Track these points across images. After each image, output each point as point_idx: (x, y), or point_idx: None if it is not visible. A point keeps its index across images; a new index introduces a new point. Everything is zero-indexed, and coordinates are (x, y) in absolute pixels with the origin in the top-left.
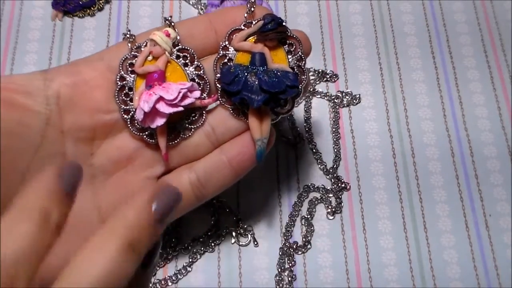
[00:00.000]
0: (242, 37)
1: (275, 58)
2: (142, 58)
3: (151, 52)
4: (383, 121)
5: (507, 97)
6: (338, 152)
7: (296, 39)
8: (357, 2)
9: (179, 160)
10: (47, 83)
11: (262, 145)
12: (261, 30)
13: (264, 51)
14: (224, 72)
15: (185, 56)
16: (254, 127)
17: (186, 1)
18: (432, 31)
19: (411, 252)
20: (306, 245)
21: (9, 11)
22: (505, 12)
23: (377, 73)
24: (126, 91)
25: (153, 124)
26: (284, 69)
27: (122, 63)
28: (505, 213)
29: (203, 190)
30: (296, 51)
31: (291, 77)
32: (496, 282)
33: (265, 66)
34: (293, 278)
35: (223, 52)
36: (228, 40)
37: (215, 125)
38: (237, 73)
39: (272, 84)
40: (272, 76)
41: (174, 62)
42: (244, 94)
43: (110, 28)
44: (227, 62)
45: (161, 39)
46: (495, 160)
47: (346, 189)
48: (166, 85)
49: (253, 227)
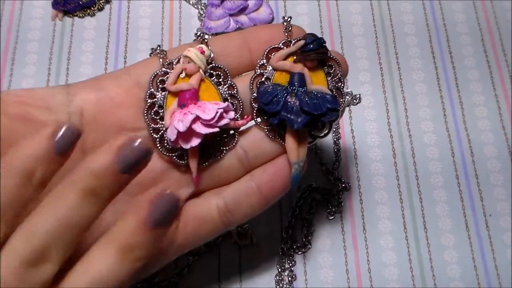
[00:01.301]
0: (281, 56)
1: (315, 79)
2: (175, 75)
3: (185, 69)
4: (383, 121)
5: (507, 97)
6: (338, 152)
7: (335, 61)
8: (357, 2)
9: (208, 183)
10: (69, 98)
11: (298, 169)
12: (302, 50)
13: (304, 71)
14: (262, 92)
15: (218, 74)
16: (291, 149)
17: (186, 1)
18: (432, 31)
19: (411, 252)
20: (306, 245)
21: (9, 11)
22: (505, 12)
23: (377, 73)
24: (156, 109)
25: (187, 144)
26: (324, 91)
27: (153, 79)
28: (505, 213)
29: (231, 218)
30: (335, 73)
31: (331, 99)
32: (496, 282)
33: (304, 87)
34: (293, 278)
35: (260, 70)
36: (266, 58)
37: (247, 147)
38: (276, 93)
39: (313, 106)
40: (313, 98)
41: (208, 80)
42: (283, 115)
43: (110, 28)
44: (264, 81)
45: (196, 56)
46: (495, 160)
47: (346, 189)
48: (201, 104)
49: (253, 227)
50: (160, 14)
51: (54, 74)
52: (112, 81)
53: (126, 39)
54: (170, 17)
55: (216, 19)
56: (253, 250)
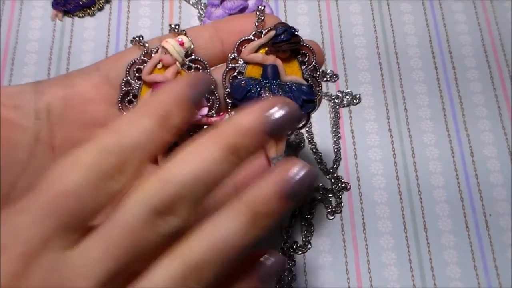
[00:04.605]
0: (252, 48)
1: (288, 69)
2: (151, 66)
3: (161, 60)
4: (383, 121)
5: (507, 97)
6: (338, 152)
7: (309, 49)
8: (357, 2)
9: None
10: (38, 96)
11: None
12: (273, 41)
13: (276, 63)
14: (234, 87)
15: (197, 67)
16: (269, 144)
17: (186, 1)
18: (432, 31)
19: (411, 252)
20: (306, 245)
21: (9, 11)
22: (505, 12)
23: (377, 73)
24: (130, 98)
25: None
26: (298, 81)
27: (130, 67)
28: (505, 213)
29: None
30: (310, 62)
31: (306, 90)
32: (496, 282)
33: (278, 79)
34: (293, 278)
35: (232, 64)
36: (237, 51)
37: None
38: (249, 87)
39: None
40: (287, 91)
41: (185, 73)
42: None
43: (110, 28)
44: (237, 76)
45: (173, 48)
46: (495, 160)
47: (346, 189)
48: None
49: None
50: (160, 14)
51: (54, 74)
52: (81, 77)
53: (126, 39)
54: (170, 17)
55: (216, 19)
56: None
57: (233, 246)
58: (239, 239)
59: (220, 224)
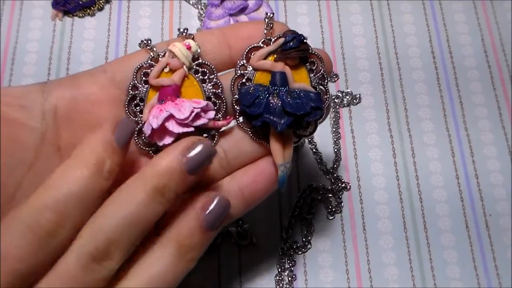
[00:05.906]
0: (261, 55)
1: (297, 77)
2: (158, 69)
3: (168, 64)
4: (383, 121)
5: (507, 97)
6: (338, 152)
7: (318, 57)
8: (357, 2)
9: None
10: (44, 96)
11: (285, 170)
12: (282, 48)
13: (285, 70)
14: (243, 93)
15: (204, 71)
16: (276, 151)
17: (186, 1)
18: (432, 31)
19: (411, 252)
20: (306, 245)
21: (9, 11)
22: (505, 12)
23: (377, 73)
24: (137, 102)
25: (160, 142)
26: (306, 89)
27: (137, 71)
28: (505, 213)
29: None
30: (318, 70)
31: (314, 97)
32: (496, 282)
33: (286, 86)
34: (293, 278)
35: (240, 71)
36: (246, 58)
37: (228, 149)
38: (258, 94)
39: (296, 106)
40: (296, 97)
41: (192, 77)
42: (266, 117)
43: (110, 28)
44: (245, 82)
45: (180, 52)
46: (495, 160)
47: (346, 189)
48: (179, 102)
49: (253, 227)
50: (160, 14)
51: (54, 74)
52: (88, 79)
53: (126, 39)
54: (170, 17)
55: (216, 19)
56: (253, 250)
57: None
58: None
59: (151, 261)
